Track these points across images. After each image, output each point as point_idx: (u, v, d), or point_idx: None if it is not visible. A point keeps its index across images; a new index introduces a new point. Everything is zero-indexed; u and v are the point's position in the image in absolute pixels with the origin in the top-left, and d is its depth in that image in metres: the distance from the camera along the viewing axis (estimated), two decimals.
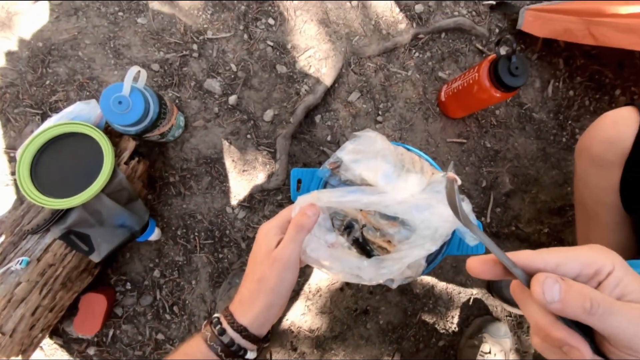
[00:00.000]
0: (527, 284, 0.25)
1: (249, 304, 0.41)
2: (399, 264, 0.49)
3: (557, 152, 0.98)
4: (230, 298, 0.81)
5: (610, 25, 0.81)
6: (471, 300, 0.93)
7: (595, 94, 1.00)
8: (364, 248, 0.57)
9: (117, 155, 0.71)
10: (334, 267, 0.48)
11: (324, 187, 0.58)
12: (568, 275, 0.25)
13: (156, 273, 0.87)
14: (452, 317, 0.93)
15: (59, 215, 0.66)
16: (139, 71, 0.66)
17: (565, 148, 0.98)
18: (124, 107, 0.63)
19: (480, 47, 0.96)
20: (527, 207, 0.97)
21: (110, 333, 0.87)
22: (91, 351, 0.86)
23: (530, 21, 0.93)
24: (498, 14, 0.98)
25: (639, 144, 0.58)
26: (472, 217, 0.51)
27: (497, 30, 0.98)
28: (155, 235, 0.81)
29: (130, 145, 0.72)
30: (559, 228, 0.97)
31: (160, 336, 0.87)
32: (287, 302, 0.43)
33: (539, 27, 0.92)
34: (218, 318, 0.42)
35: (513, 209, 0.96)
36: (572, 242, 0.96)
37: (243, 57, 0.89)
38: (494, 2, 0.96)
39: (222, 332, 0.40)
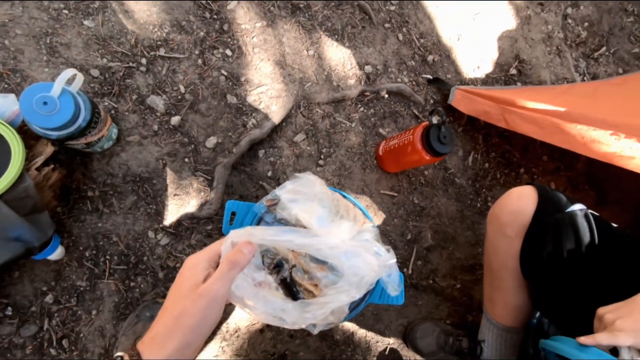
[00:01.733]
0: None
1: (162, 343, 0.36)
2: (324, 309, 0.49)
3: (472, 215, 1.10)
4: (135, 333, 0.73)
5: (518, 115, 0.96)
6: (387, 350, 0.95)
7: (505, 169, 1.15)
8: (291, 289, 0.56)
9: (29, 159, 0.63)
10: (258, 308, 0.47)
11: (258, 223, 0.57)
12: None
13: (49, 298, 0.76)
14: None
15: None
16: (75, 75, 0.62)
17: (479, 212, 1.10)
18: (49, 109, 0.57)
19: (417, 113, 1.07)
20: (444, 262, 1.05)
21: None
22: None
23: (459, 99, 1.07)
24: (433, 87, 1.11)
25: (535, 220, 0.67)
26: (395, 269, 0.54)
27: (431, 101, 1.10)
28: (57, 254, 0.72)
29: (47, 150, 0.65)
30: (469, 285, 1.06)
31: None
32: (203, 344, 0.40)
33: (464, 105, 1.06)
34: (121, 357, 0.37)
35: (432, 262, 1.03)
36: (480, 299, 1.05)
37: (194, 80, 0.88)
38: (430, 77, 1.09)
39: None
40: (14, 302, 0.74)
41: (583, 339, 0.53)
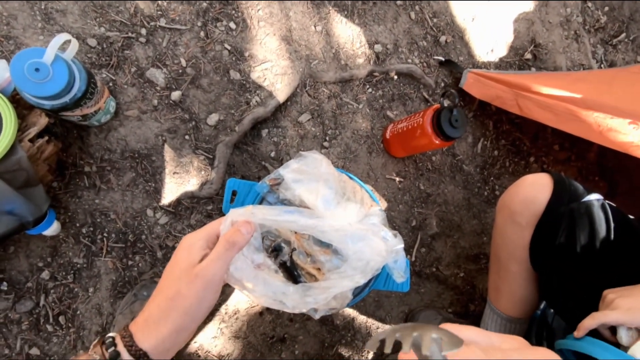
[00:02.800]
0: None
1: (156, 324, 0.35)
2: (326, 294, 0.47)
3: (479, 203, 1.07)
4: (133, 312, 0.71)
5: (533, 101, 0.92)
6: None
7: (514, 157, 1.12)
8: (292, 273, 0.54)
9: (22, 129, 0.61)
10: (257, 290, 0.45)
11: (260, 203, 0.55)
12: None
13: (45, 274, 0.74)
14: (368, 352, 0.92)
15: None
16: (69, 40, 0.58)
17: (486, 201, 1.08)
18: (41, 76, 0.54)
19: (427, 96, 1.03)
20: (449, 250, 1.03)
21: None
22: None
23: (471, 82, 1.03)
24: (445, 69, 1.06)
25: (549, 209, 0.64)
26: (402, 254, 0.52)
27: (442, 84, 1.06)
28: (52, 229, 0.69)
29: (41, 121, 0.62)
30: (473, 274, 1.04)
31: (34, 351, 0.73)
32: (198, 326, 0.38)
33: (477, 89, 1.02)
34: (113, 338, 0.35)
35: (436, 250, 1.01)
36: (483, 289, 1.04)
37: (196, 54, 0.84)
38: (442, 59, 1.05)
39: (116, 356, 0.34)
40: (9, 277, 0.73)
41: (576, 334, 0.52)
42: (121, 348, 0.34)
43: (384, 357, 0.93)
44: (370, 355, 0.93)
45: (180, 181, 0.82)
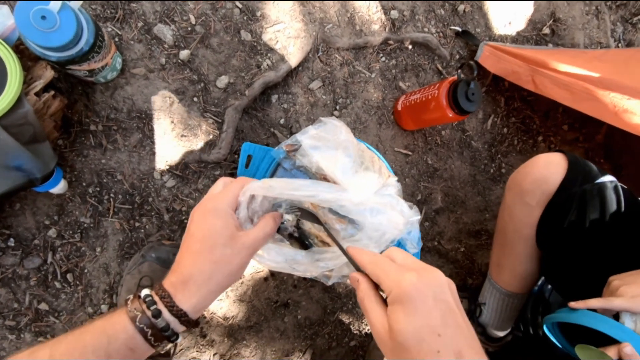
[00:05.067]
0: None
1: (198, 286, 0.36)
2: (338, 260, 0.47)
3: (485, 180, 1.07)
4: (141, 273, 0.72)
5: (550, 78, 0.90)
6: None
7: (523, 135, 1.11)
8: (302, 242, 0.54)
9: (27, 82, 0.58)
10: (267, 257, 0.45)
11: (276, 169, 0.54)
12: None
13: (52, 232, 0.74)
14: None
15: None
16: None
17: (492, 178, 1.08)
18: (48, 25, 0.51)
19: (440, 68, 1.00)
20: (451, 225, 1.04)
21: None
22: None
23: (487, 55, 1.00)
24: (461, 41, 1.03)
25: (562, 189, 0.64)
26: (416, 226, 0.52)
27: (457, 56, 1.03)
28: (59, 187, 0.68)
29: (46, 74, 0.59)
30: (473, 249, 1.06)
31: (43, 306, 0.74)
32: None
33: (492, 63, 0.99)
34: (151, 297, 0.36)
35: (439, 225, 1.02)
36: (482, 264, 1.06)
37: (205, 11, 0.80)
38: (459, 29, 1.01)
39: (158, 314, 0.35)
40: (16, 233, 0.72)
41: (573, 303, 0.54)
42: (162, 307, 0.35)
43: None
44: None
45: (188, 144, 0.80)
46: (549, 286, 0.88)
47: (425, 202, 1.01)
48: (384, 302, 0.33)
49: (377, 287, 0.34)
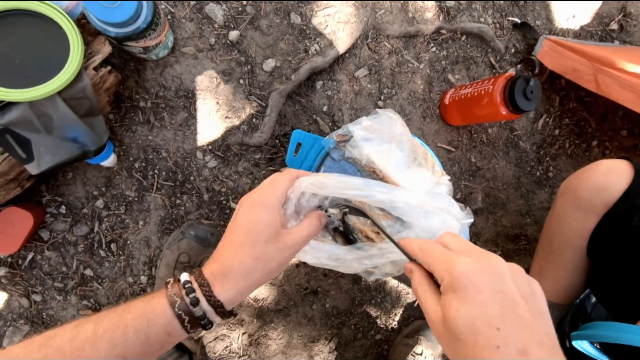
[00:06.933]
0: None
1: (236, 280, 0.36)
2: (383, 258, 0.46)
3: (529, 183, 1.02)
4: (180, 249, 0.74)
5: (615, 78, 0.83)
6: (416, 303, 0.96)
7: (576, 139, 1.04)
8: (347, 237, 0.53)
9: (87, 57, 0.59)
10: (311, 253, 0.44)
11: (324, 158, 0.53)
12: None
13: (99, 203, 0.77)
14: (395, 314, 0.94)
15: None
16: None
17: (537, 182, 1.02)
18: (111, 0, 0.52)
19: (493, 62, 0.95)
20: (489, 227, 1.00)
21: (30, 257, 0.75)
22: (0, 272, 0.74)
23: (546, 51, 0.93)
24: (518, 34, 0.97)
25: (625, 198, 0.60)
26: (467, 229, 0.50)
27: (512, 50, 0.97)
28: (110, 161, 0.71)
29: (105, 49, 0.61)
30: (510, 254, 1.02)
31: (88, 272, 0.78)
32: None
33: (551, 59, 0.93)
34: (190, 284, 0.36)
35: (476, 226, 0.99)
36: None
37: None
38: (518, 21, 0.95)
39: (196, 302, 0.35)
40: (67, 202, 0.76)
41: None
42: (200, 295, 0.36)
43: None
44: (397, 318, 0.95)
45: (231, 126, 0.80)
46: (592, 300, 0.83)
47: (465, 202, 0.97)
48: (439, 290, 0.31)
49: (431, 275, 0.33)
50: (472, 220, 0.47)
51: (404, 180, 0.46)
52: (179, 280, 0.37)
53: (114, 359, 0.34)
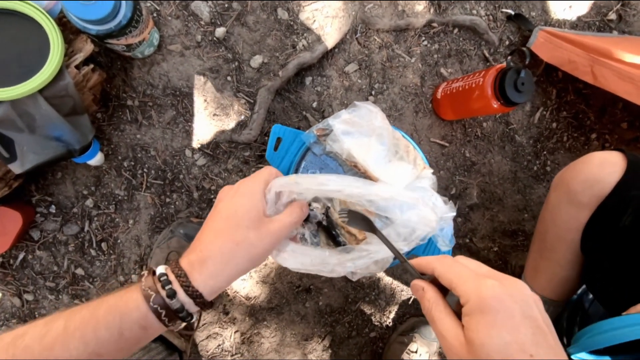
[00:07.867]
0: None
1: (215, 267, 0.35)
2: (366, 259, 0.45)
3: (526, 178, 1.00)
4: (169, 247, 0.74)
5: (612, 69, 0.81)
6: (411, 300, 0.94)
7: (575, 132, 1.02)
8: (330, 233, 0.53)
9: (68, 55, 0.59)
10: (292, 260, 0.44)
11: (305, 153, 0.52)
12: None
13: (89, 202, 0.77)
14: (390, 312, 0.93)
15: None
16: None
17: (535, 176, 1.00)
18: None
19: (487, 55, 0.93)
20: (485, 223, 0.98)
21: (21, 256, 0.76)
22: None
23: (541, 42, 0.91)
24: (513, 25, 0.95)
25: (617, 191, 0.58)
26: (450, 223, 0.49)
27: (507, 42, 0.95)
28: (96, 160, 0.71)
29: (86, 47, 0.60)
30: (507, 250, 1.01)
31: (79, 271, 0.78)
32: None
33: (546, 51, 0.91)
34: (166, 276, 0.35)
35: (472, 222, 0.97)
36: (515, 266, 1.00)
37: None
38: (512, 12, 0.93)
39: (172, 294, 0.34)
40: (57, 201, 0.76)
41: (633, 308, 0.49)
42: (177, 287, 0.34)
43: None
44: (392, 316, 0.94)
45: (219, 124, 0.80)
46: (590, 296, 0.81)
47: (460, 197, 0.96)
48: (454, 312, 0.30)
49: (444, 295, 0.32)
50: (454, 214, 0.46)
51: (384, 174, 0.45)
52: (154, 273, 0.36)
53: (87, 358, 0.33)
